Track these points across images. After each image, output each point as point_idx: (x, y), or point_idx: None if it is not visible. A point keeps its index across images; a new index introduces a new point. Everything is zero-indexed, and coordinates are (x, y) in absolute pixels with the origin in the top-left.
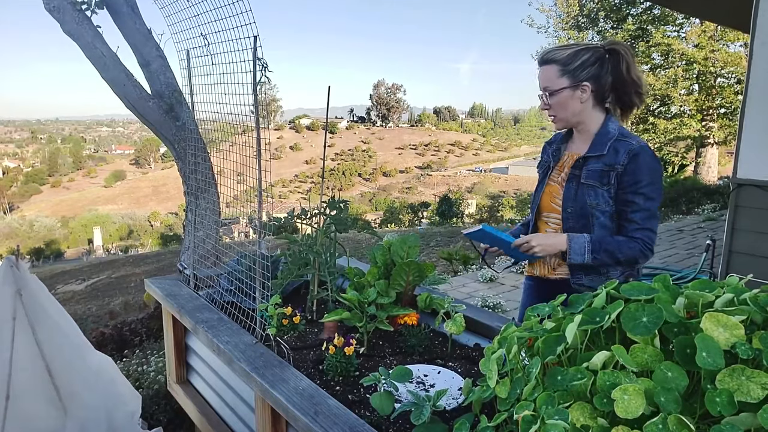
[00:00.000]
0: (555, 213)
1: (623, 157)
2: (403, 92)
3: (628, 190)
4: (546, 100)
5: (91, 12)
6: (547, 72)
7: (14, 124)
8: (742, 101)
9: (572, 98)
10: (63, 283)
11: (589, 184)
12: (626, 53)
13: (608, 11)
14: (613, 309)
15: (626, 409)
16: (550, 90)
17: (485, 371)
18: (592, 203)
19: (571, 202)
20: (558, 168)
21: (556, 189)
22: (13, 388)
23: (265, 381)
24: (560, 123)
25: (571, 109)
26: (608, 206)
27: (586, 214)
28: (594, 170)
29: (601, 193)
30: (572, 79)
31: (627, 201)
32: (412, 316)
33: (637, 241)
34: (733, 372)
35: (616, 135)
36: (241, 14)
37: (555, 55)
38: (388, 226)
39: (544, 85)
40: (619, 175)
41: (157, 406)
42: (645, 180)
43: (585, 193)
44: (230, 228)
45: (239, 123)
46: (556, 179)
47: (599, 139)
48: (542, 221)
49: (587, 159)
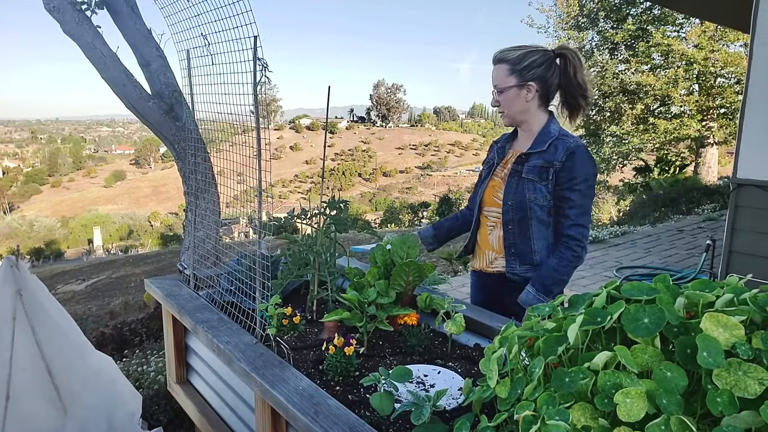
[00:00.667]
0: (495, 207)
1: (561, 154)
2: (403, 92)
3: (564, 186)
4: (496, 96)
5: (91, 12)
6: (498, 71)
7: (14, 124)
8: (742, 101)
9: (518, 97)
10: (63, 283)
11: (529, 178)
12: (574, 58)
13: (608, 11)
14: (615, 309)
15: (628, 412)
16: (499, 88)
17: (485, 371)
18: (531, 197)
19: (512, 196)
20: (502, 165)
21: (499, 184)
22: (13, 388)
23: (265, 381)
24: (507, 120)
25: (517, 106)
26: (546, 201)
27: (525, 207)
28: (534, 166)
29: (539, 188)
30: (519, 79)
31: (563, 197)
32: (412, 316)
33: (568, 243)
34: (730, 367)
35: (557, 134)
36: (241, 14)
37: (506, 55)
38: (388, 226)
39: (494, 83)
40: (557, 172)
41: (157, 406)
42: (580, 177)
43: (525, 187)
44: (230, 228)
45: (239, 123)
46: (499, 175)
47: (541, 138)
48: (483, 215)
49: (529, 155)
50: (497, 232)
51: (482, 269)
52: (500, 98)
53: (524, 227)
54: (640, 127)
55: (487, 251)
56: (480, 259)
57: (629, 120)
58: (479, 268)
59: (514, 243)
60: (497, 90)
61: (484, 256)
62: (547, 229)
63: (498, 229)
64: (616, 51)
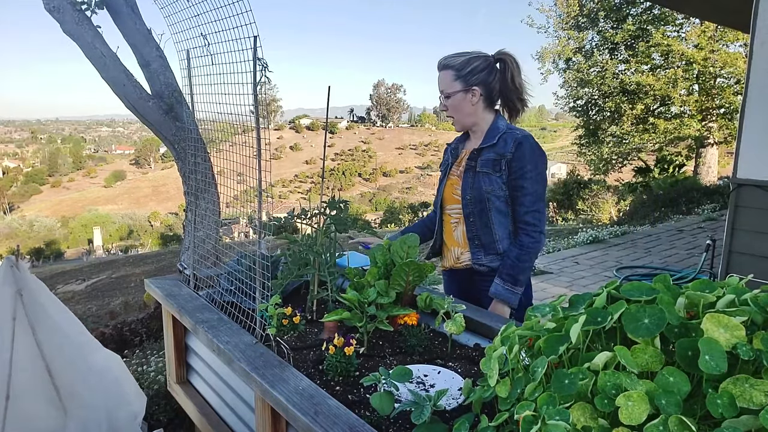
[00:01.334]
0: (456, 203)
1: (510, 145)
2: (403, 92)
3: (516, 176)
4: (443, 102)
5: (91, 12)
6: (444, 77)
7: (14, 124)
8: (742, 101)
9: (464, 101)
10: (63, 283)
11: (484, 171)
12: (512, 62)
13: (608, 11)
14: (615, 309)
15: (630, 415)
16: (446, 93)
17: (486, 371)
18: (488, 189)
19: (470, 190)
20: (456, 164)
21: (456, 181)
22: (13, 388)
23: (265, 381)
24: (458, 125)
25: (464, 110)
26: (502, 191)
27: (483, 199)
28: (487, 159)
29: (494, 179)
30: (464, 84)
31: (516, 186)
32: (412, 316)
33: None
34: (737, 381)
35: (505, 129)
36: (241, 14)
37: (451, 62)
38: (388, 226)
39: (441, 88)
40: (508, 162)
41: (157, 406)
42: (530, 165)
43: (481, 180)
44: (230, 228)
45: (239, 123)
46: (455, 173)
47: (490, 134)
48: (446, 214)
49: (481, 150)
50: (461, 228)
51: (452, 266)
52: (447, 103)
53: (485, 218)
54: (639, 127)
55: (453, 248)
56: (448, 258)
57: (629, 120)
58: (449, 266)
59: (477, 235)
60: (444, 95)
61: (451, 253)
62: (506, 218)
63: (461, 224)
64: (616, 51)
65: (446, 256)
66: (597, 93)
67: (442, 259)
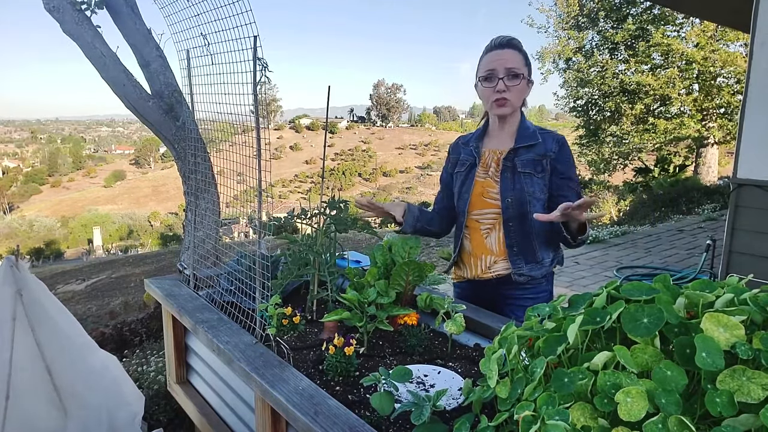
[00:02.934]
0: (489, 208)
1: (553, 144)
2: (403, 92)
3: (561, 176)
4: (506, 81)
5: (90, 12)
6: (515, 56)
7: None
8: (742, 101)
9: (525, 89)
10: (63, 283)
11: (526, 172)
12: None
13: (608, 11)
14: (614, 309)
15: (629, 412)
16: (515, 72)
17: (485, 371)
18: (529, 191)
19: (510, 192)
20: (482, 166)
21: (489, 184)
22: (13, 388)
23: (264, 381)
24: (509, 109)
25: (521, 97)
26: (543, 194)
27: (524, 201)
28: (527, 159)
29: (536, 180)
30: (528, 72)
31: (564, 186)
32: (412, 316)
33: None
34: (734, 373)
35: (535, 128)
36: (241, 14)
37: (520, 45)
38: (388, 226)
39: (510, 65)
40: (552, 162)
41: (157, 406)
42: (573, 167)
43: (522, 181)
44: (230, 228)
45: (239, 123)
46: (484, 176)
47: (523, 132)
48: (472, 221)
49: (518, 150)
50: (496, 234)
51: (476, 276)
52: (511, 84)
53: (524, 224)
54: (639, 127)
55: (483, 257)
56: (473, 267)
57: (629, 120)
58: (471, 276)
59: (517, 241)
60: (512, 74)
61: (480, 262)
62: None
63: (496, 230)
64: (616, 51)
65: (469, 265)
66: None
67: (461, 269)
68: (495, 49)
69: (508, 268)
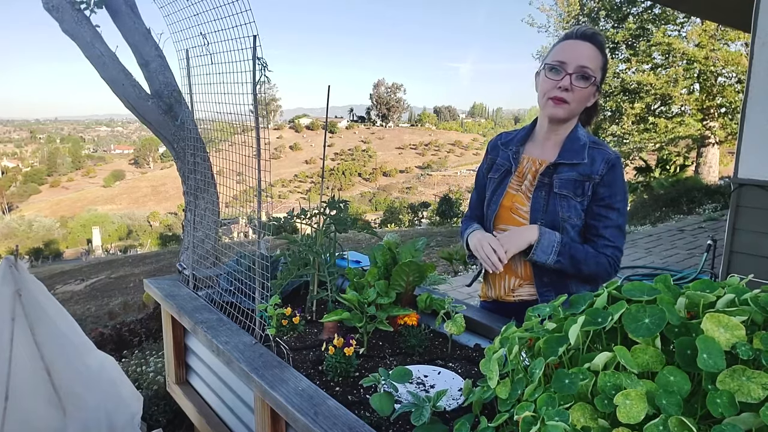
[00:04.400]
0: (516, 225)
1: (601, 166)
2: (403, 92)
3: (602, 204)
4: (573, 80)
5: (90, 11)
6: (594, 54)
7: (13, 124)
8: (743, 101)
9: (590, 97)
10: (62, 283)
11: (562, 194)
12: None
13: (609, 10)
14: (616, 310)
15: (628, 414)
16: (587, 73)
17: (486, 372)
18: (564, 216)
19: (542, 214)
20: (518, 175)
21: (519, 199)
22: (12, 388)
23: (264, 381)
24: (564, 112)
25: (584, 105)
26: (579, 220)
27: (557, 227)
28: (568, 179)
29: (573, 204)
30: (600, 79)
31: (600, 215)
32: (412, 317)
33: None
34: (734, 373)
35: (588, 142)
36: (240, 14)
37: (603, 44)
38: (388, 226)
39: (584, 63)
40: (595, 186)
41: (157, 406)
42: (620, 194)
43: (557, 204)
44: (230, 228)
45: (239, 123)
46: (517, 188)
47: (571, 145)
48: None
49: (558, 166)
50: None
51: (499, 298)
52: (578, 84)
53: None
54: (640, 127)
55: (507, 277)
56: (496, 287)
57: (630, 119)
58: (495, 297)
59: (548, 272)
60: (584, 73)
61: (502, 282)
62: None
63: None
64: (616, 50)
65: (493, 284)
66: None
67: (485, 287)
68: (573, 39)
69: (533, 294)
